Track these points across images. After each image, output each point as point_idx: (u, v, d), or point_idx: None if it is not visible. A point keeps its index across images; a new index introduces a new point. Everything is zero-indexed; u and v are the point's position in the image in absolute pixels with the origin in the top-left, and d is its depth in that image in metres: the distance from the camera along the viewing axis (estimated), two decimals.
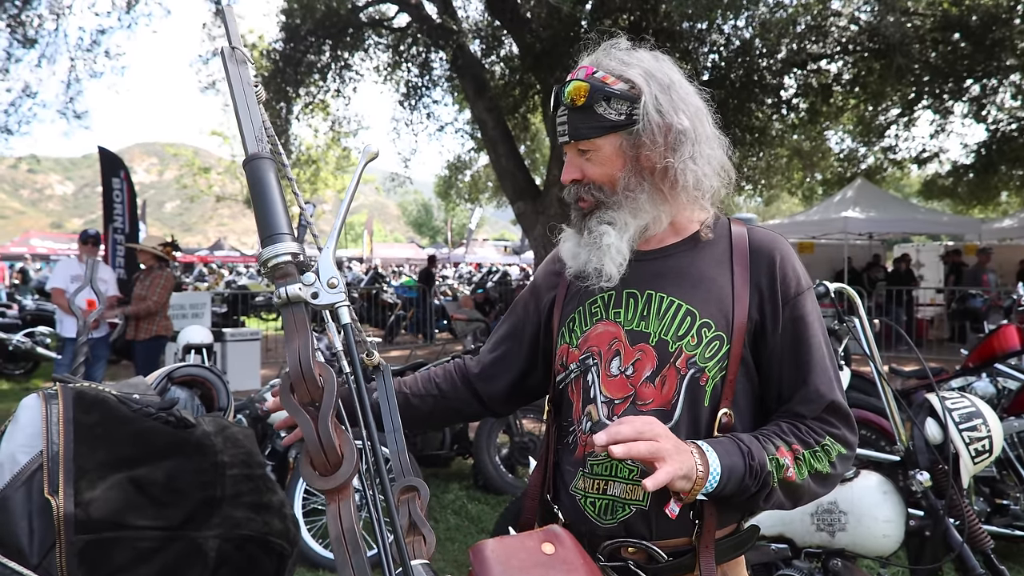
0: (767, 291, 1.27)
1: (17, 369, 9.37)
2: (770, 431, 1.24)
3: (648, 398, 1.25)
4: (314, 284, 0.88)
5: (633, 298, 1.30)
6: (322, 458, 0.81)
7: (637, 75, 1.27)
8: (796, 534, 2.43)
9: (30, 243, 26.42)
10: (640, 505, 1.23)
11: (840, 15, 10.64)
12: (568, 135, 1.30)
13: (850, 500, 2.36)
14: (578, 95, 1.27)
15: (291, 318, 0.85)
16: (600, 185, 1.30)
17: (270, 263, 0.86)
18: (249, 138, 0.92)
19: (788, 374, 1.27)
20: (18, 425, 1.57)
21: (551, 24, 9.12)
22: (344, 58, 12.41)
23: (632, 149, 1.28)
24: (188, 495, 1.56)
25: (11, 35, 11.34)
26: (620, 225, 1.29)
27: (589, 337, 1.33)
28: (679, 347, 1.24)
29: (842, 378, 3.93)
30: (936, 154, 16.46)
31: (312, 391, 0.83)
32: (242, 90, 0.95)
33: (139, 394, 1.78)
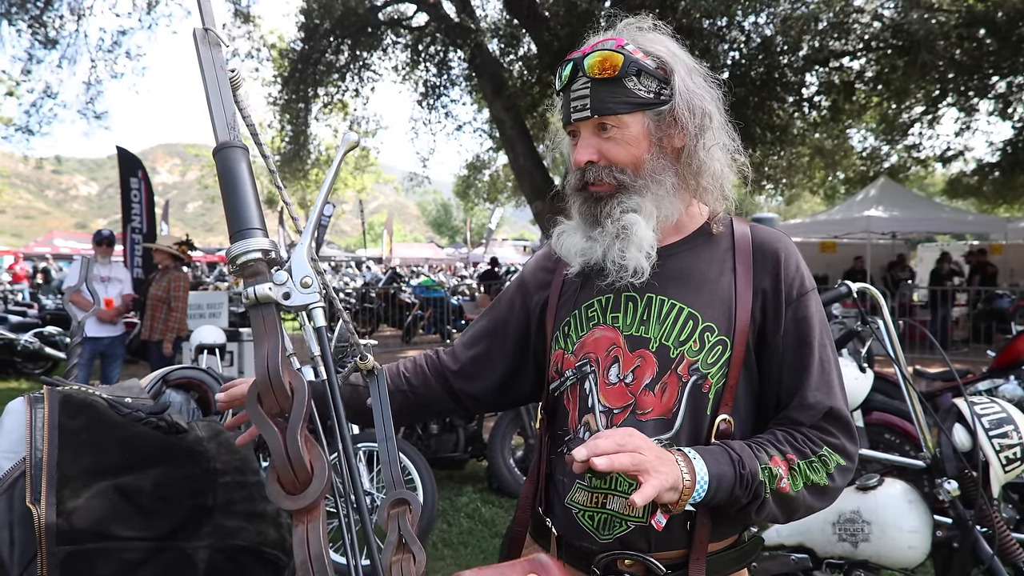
0: (771, 291, 1.20)
1: (36, 368, 9.44)
2: (764, 439, 1.17)
3: (648, 407, 1.18)
4: (286, 283, 0.81)
5: (632, 301, 1.22)
6: (290, 475, 0.74)
7: (666, 53, 1.21)
8: (817, 544, 2.34)
9: (53, 243, 26.71)
10: (639, 521, 1.17)
11: (863, 12, 10.45)
12: (590, 109, 1.18)
13: (874, 509, 2.27)
14: (607, 66, 1.17)
15: (260, 321, 0.78)
16: (623, 167, 1.20)
17: (239, 260, 0.79)
18: (220, 125, 0.85)
19: (787, 378, 1.20)
20: (2, 431, 1.52)
21: (569, 22, 9.03)
22: (362, 58, 12.41)
23: (658, 131, 1.20)
24: (177, 504, 1.50)
25: (32, 36, 11.44)
26: (646, 213, 1.19)
27: (586, 343, 1.24)
28: (680, 353, 1.17)
29: (865, 381, 3.80)
30: (961, 152, 16.20)
31: (281, 400, 0.76)
32: (214, 74, 0.89)
33: (132, 397, 1.72)
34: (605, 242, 1.20)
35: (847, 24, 10.24)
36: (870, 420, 4.03)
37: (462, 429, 4.79)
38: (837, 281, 3.07)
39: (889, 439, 4.02)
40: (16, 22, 11.31)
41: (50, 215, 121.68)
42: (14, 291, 14.97)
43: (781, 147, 13.07)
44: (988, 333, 11.42)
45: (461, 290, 17.04)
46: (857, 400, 4.00)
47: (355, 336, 1.28)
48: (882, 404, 4.11)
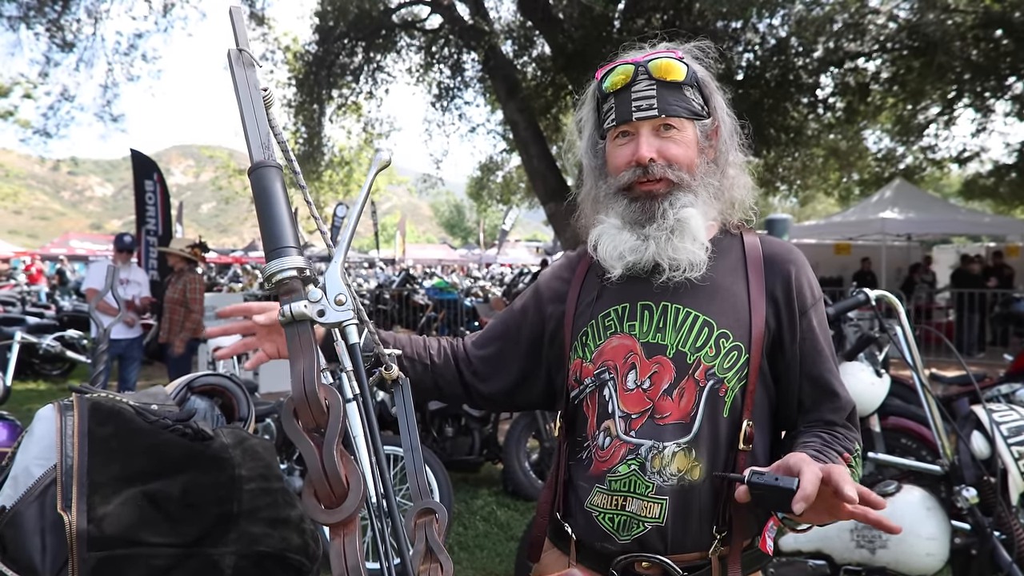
0: (783, 301, 1.26)
1: (54, 370, 9.53)
2: (822, 440, 1.21)
3: (666, 411, 1.21)
4: (320, 301, 0.83)
5: (648, 310, 1.26)
6: (326, 489, 0.76)
7: (705, 75, 1.30)
8: (835, 550, 2.34)
9: (69, 244, 26.95)
10: (656, 522, 1.19)
11: (878, 13, 10.40)
12: (657, 108, 1.23)
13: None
14: (673, 71, 1.24)
15: (295, 337, 0.80)
16: (682, 166, 1.25)
17: (275, 278, 0.81)
18: (255, 145, 0.87)
19: (808, 383, 1.26)
20: (33, 437, 1.55)
21: (583, 24, 9.04)
22: (376, 60, 12.46)
23: (703, 141, 1.28)
24: (204, 510, 1.53)
25: (50, 39, 11.55)
26: (700, 208, 1.25)
27: (604, 351, 1.28)
28: (697, 359, 1.21)
29: (882, 385, 3.79)
30: (977, 153, 16.07)
31: (317, 416, 0.78)
32: (248, 94, 0.91)
33: (158, 404, 1.75)
34: (661, 238, 1.23)
35: (862, 25, 10.20)
36: (886, 425, 4.02)
37: (477, 432, 4.80)
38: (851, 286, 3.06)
39: (905, 444, 4.00)
40: (34, 25, 11.43)
41: (66, 216, 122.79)
42: (31, 292, 15.12)
43: (796, 148, 13.02)
44: (1004, 336, 11.33)
45: (474, 292, 17.08)
46: (874, 404, 3.99)
47: (379, 346, 1.30)
48: (898, 409, 4.10)
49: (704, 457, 1.20)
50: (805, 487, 0.96)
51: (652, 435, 1.21)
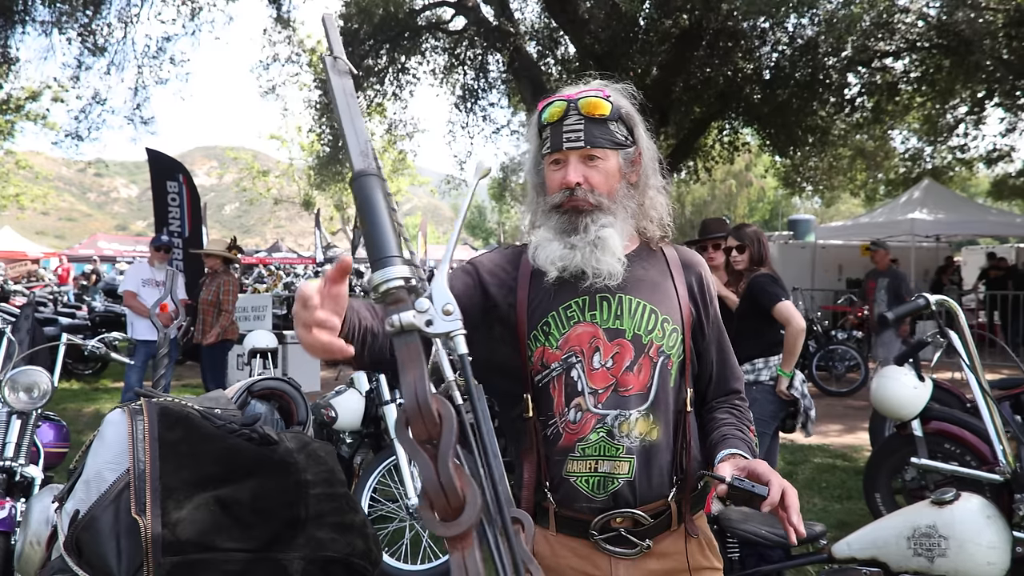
0: (698, 293, 1.56)
1: (87, 369, 9.63)
2: (735, 417, 1.56)
3: (629, 384, 1.43)
4: (428, 311, 0.82)
5: (606, 301, 1.46)
6: (443, 501, 0.75)
7: (630, 109, 1.51)
8: (891, 558, 2.31)
9: (97, 245, 27.25)
10: (627, 477, 1.42)
11: (908, 11, 10.27)
12: (584, 141, 1.45)
13: (950, 524, 2.23)
14: (599, 109, 1.45)
15: (404, 348, 0.79)
16: (602, 192, 1.46)
17: (381, 288, 0.80)
18: (355, 153, 0.87)
19: (718, 358, 1.60)
20: (104, 442, 1.56)
21: (609, 25, 9.01)
22: (400, 61, 12.50)
23: (626, 167, 1.50)
24: (273, 515, 1.53)
25: (82, 44, 11.70)
26: (617, 228, 1.46)
27: (570, 338, 1.46)
28: (650, 340, 1.46)
29: (924, 390, 3.72)
30: (1008, 153, 15.84)
31: (430, 428, 0.77)
32: (346, 102, 0.91)
33: (220, 408, 1.76)
34: (584, 250, 1.43)
35: (892, 24, 10.07)
36: (929, 430, 3.95)
37: None
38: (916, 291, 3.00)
39: (949, 449, 3.93)
40: (66, 30, 11.59)
41: (92, 217, 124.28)
42: (62, 292, 15.33)
43: (822, 148, 12.90)
44: None
45: None
46: (917, 408, 3.94)
47: (454, 353, 1.29)
48: (940, 413, 4.03)
49: (660, 420, 1.45)
50: (774, 497, 1.29)
51: (617, 405, 1.43)
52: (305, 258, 30.48)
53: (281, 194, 36.42)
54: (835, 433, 7.04)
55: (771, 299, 3.86)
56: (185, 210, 9.32)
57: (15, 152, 24.37)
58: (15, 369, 3.01)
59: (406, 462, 3.71)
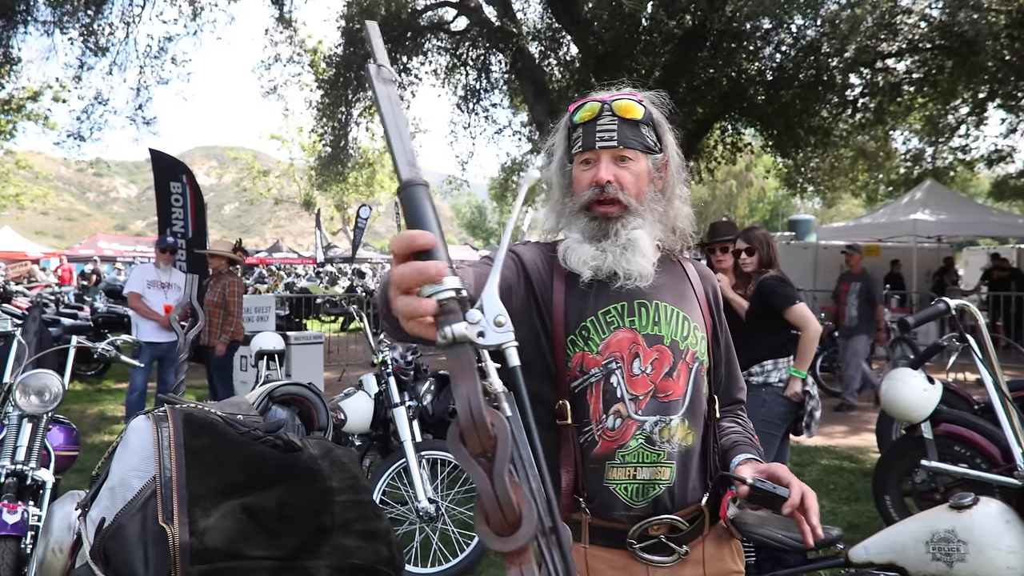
0: (713, 303, 1.60)
1: (89, 370, 9.60)
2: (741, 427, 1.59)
3: (668, 390, 1.44)
4: (480, 322, 0.81)
5: (644, 307, 1.47)
6: (499, 516, 0.74)
7: (660, 117, 1.52)
8: (909, 563, 2.30)
9: (97, 245, 27.22)
10: (667, 483, 1.43)
11: (910, 12, 10.27)
12: (617, 141, 1.45)
13: (969, 529, 2.22)
14: (632, 111, 1.46)
15: (456, 360, 0.78)
16: (631, 193, 1.46)
17: (433, 299, 0.79)
18: (402, 163, 0.86)
19: (726, 369, 1.63)
20: (129, 448, 1.55)
21: (612, 26, 9.00)
22: (403, 62, 12.48)
23: (655, 172, 1.51)
24: (300, 523, 1.52)
25: (84, 44, 11.68)
26: (647, 230, 1.46)
27: (610, 343, 1.45)
28: (686, 346, 1.48)
29: (934, 392, 3.72)
30: (1009, 154, 15.84)
31: (484, 441, 0.76)
32: (391, 111, 0.89)
33: (243, 415, 1.74)
34: (615, 252, 1.44)
35: (894, 25, 10.07)
36: (939, 432, 3.95)
37: None
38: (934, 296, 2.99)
39: (959, 451, 3.92)
40: (68, 30, 11.57)
41: (91, 217, 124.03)
42: (62, 293, 15.30)
43: (824, 149, 12.89)
44: None
45: None
46: (927, 411, 3.93)
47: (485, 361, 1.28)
48: (950, 416, 4.02)
49: (695, 426, 1.47)
50: (794, 499, 1.31)
51: (657, 411, 1.43)
52: (306, 258, 30.53)
53: (281, 194, 36.43)
54: (840, 434, 7.04)
55: (784, 301, 3.85)
56: (189, 211, 9.29)
57: (15, 152, 24.32)
58: (25, 373, 3.00)
59: (415, 465, 3.70)
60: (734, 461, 1.48)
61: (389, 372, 3.87)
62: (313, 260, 27.91)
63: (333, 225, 35.68)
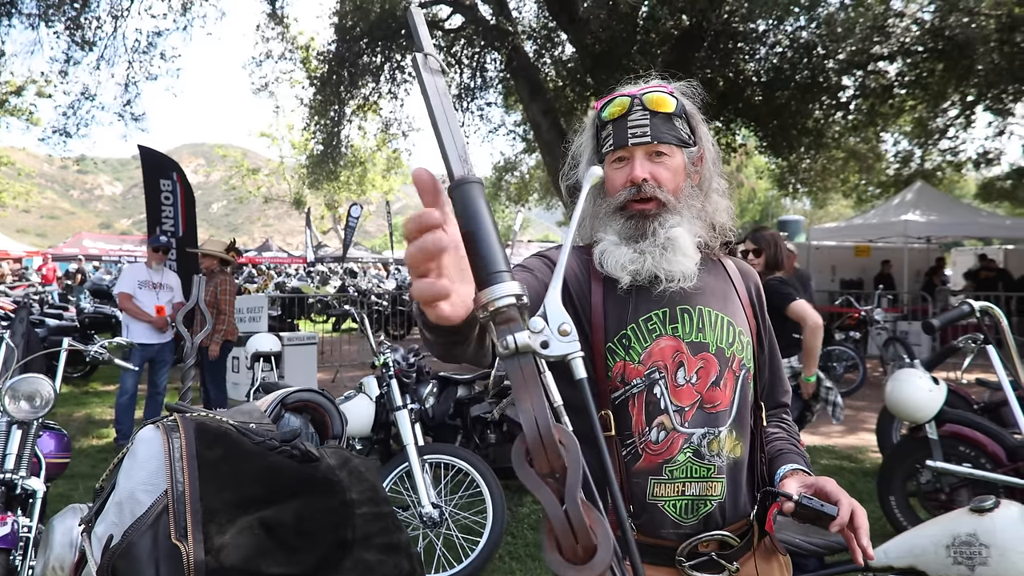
0: (756, 304, 1.52)
1: (75, 372, 9.43)
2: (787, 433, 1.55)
3: (716, 400, 1.36)
4: (543, 331, 0.75)
5: (687, 313, 1.39)
6: (571, 542, 0.67)
7: (694, 107, 1.45)
8: (930, 567, 2.25)
9: (82, 244, 26.91)
10: (719, 499, 1.35)
11: (902, 15, 10.30)
12: (651, 136, 1.38)
13: (991, 532, 2.18)
14: (664, 104, 1.39)
15: (519, 371, 0.71)
16: (669, 189, 1.39)
17: (491, 307, 0.72)
18: (454, 159, 0.79)
19: (770, 371, 1.55)
20: (137, 460, 1.47)
21: (609, 25, 8.95)
22: (396, 59, 12.38)
23: (691, 166, 1.43)
24: (319, 538, 1.45)
25: (70, 38, 11.50)
26: (686, 228, 1.38)
27: (652, 352, 1.37)
28: (732, 352, 1.40)
29: (939, 393, 3.68)
30: (997, 156, 15.93)
31: (553, 461, 0.69)
32: (440, 103, 0.82)
33: (255, 423, 1.67)
34: (655, 253, 1.36)
35: (887, 28, 10.09)
36: (944, 432, 3.92)
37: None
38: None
39: (963, 451, 3.90)
40: (54, 24, 11.39)
41: (75, 215, 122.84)
42: (46, 292, 15.08)
43: (817, 150, 12.90)
44: None
45: None
46: (932, 412, 3.91)
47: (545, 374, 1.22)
48: (955, 416, 4.00)
49: (743, 436, 1.40)
50: (843, 517, 1.25)
51: (705, 423, 1.35)
52: (296, 257, 30.31)
53: (271, 192, 36.18)
54: (838, 434, 7.02)
55: (784, 299, 3.84)
56: (179, 209, 9.19)
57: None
58: (14, 377, 2.90)
59: (419, 469, 3.63)
60: (779, 472, 1.41)
61: (391, 374, 3.80)
62: (303, 259, 27.72)
63: (323, 224, 35.47)
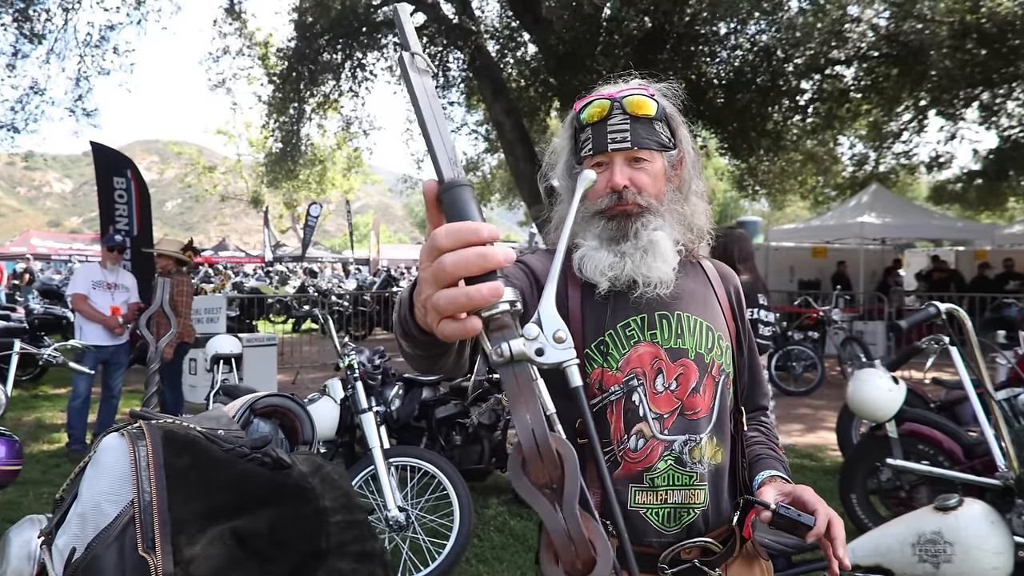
0: (736, 307, 1.51)
1: (24, 375, 9.12)
2: (766, 436, 1.55)
3: (696, 407, 1.35)
4: (538, 338, 0.73)
5: (666, 319, 1.38)
6: (571, 555, 0.66)
7: (672, 110, 1.42)
8: (895, 565, 2.30)
9: (31, 243, 26.14)
10: (702, 507, 1.34)
11: (859, 21, 10.53)
12: (631, 142, 1.36)
13: (955, 530, 2.23)
14: (644, 108, 1.36)
15: (513, 380, 0.70)
16: (650, 194, 1.38)
17: (484, 313, 0.70)
18: (443, 161, 0.77)
19: (750, 374, 1.55)
20: (101, 469, 1.41)
21: (573, 26, 8.98)
22: (357, 58, 12.26)
23: (670, 170, 1.42)
24: (293, 547, 1.41)
25: (18, 30, 11.16)
26: (668, 232, 1.37)
27: (630, 359, 1.35)
28: (711, 358, 1.39)
29: (899, 392, 3.77)
30: (949, 160, 16.39)
31: (550, 471, 0.68)
32: (428, 104, 0.80)
33: (223, 429, 1.63)
34: (636, 256, 1.34)
35: (844, 32, 10.30)
36: (903, 431, 4.01)
37: (487, 440, 4.70)
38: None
39: (922, 449, 3.99)
40: (1, 16, 11.03)
41: (22, 213, 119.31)
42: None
43: (776, 152, 13.11)
44: None
45: None
46: (892, 411, 3.99)
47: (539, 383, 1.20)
48: (914, 415, 4.09)
49: (723, 442, 1.39)
50: (820, 528, 1.25)
51: (685, 430, 1.34)
52: (253, 257, 29.85)
53: (228, 191, 35.56)
54: (798, 433, 7.14)
55: None
56: (134, 207, 8.96)
57: None
58: None
59: (384, 472, 3.59)
60: (757, 479, 1.41)
61: (356, 376, 3.74)
62: (261, 259, 27.33)
63: (282, 223, 35.00)
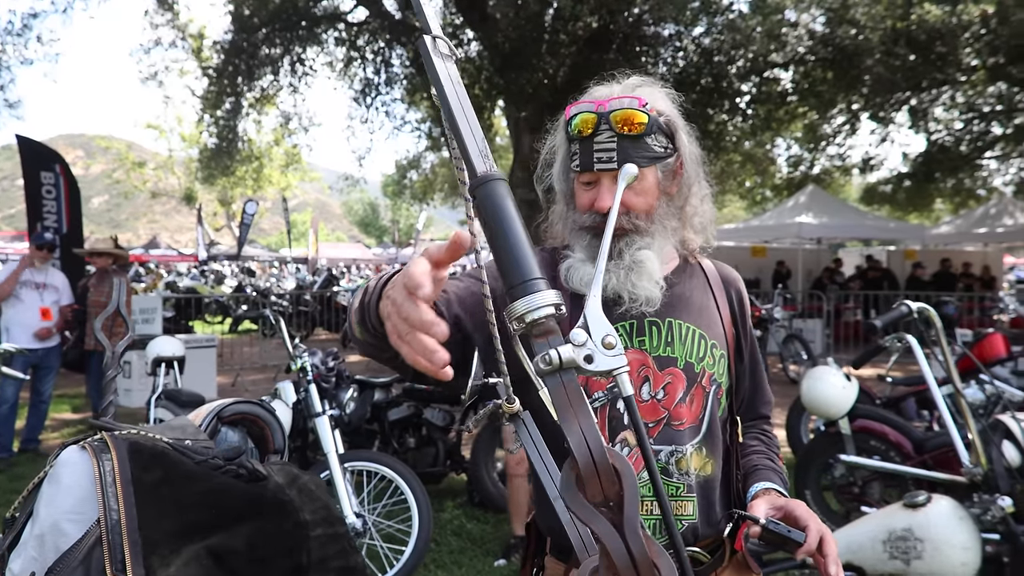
0: (738, 313, 1.46)
1: None
2: (766, 445, 1.50)
3: (683, 417, 1.32)
4: (586, 344, 0.68)
5: (655, 326, 1.34)
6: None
7: (670, 112, 1.35)
8: (867, 562, 2.32)
9: None
10: (690, 518, 1.31)
11: (796, 25, 10.81)
12: (618, 161, 1.28)
13: (925, 527, 2.26)
14: (634, 123, 1.28)
15: (562, 389, 0.64)
16: (639, 214, 1.33)
17: (527, 318, 0.65)
18: (474, 153, 0.71)
19: (751, 381, 1.51)
20: (61, 486, 1.30)
21: (518, 24, 8.95)
22: (297, 52, 11.98)
23: (665, 180, 1.35)
24: (273, 564, 1.32)
25: None
26: (655, 250, 1.33)
27: None
28: (702, 367, 1.35)
29: (852, 389, 3.83)
30: (881, 162, 17.00)
31: (607, 488, 0.62)
32: (454, 91, 0.73)
33: (191, 439, 1.53)
34: (620, 274, 1.30)
35: (782, 36, 10.55)
36: (856, 427, 4.10)
37: (441, 442, 4.62)
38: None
39: (874, 445, 4.08)
40: None
41: None
42: None
43: (716, 153, 13.35)
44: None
45: None
46: (845, 408, 4.07)
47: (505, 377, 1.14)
48: (865, 411, 4.18)
49: (714, 453, 1.35)
50: (811, 544, 1.20)
51: (671, 440, 1.30)
52: (186, 255, 28.94)
53: (158, 187, 34.41)
54: None
55: None
56: (63, 204, 8.58)
57: None
58: None
59: (340, 478, 3.48)
60: (751, 491, 1.38)
61: (309, 379, 3.62)
62: (194, 257, 26.53)
63: (216, 221, 34.05)
